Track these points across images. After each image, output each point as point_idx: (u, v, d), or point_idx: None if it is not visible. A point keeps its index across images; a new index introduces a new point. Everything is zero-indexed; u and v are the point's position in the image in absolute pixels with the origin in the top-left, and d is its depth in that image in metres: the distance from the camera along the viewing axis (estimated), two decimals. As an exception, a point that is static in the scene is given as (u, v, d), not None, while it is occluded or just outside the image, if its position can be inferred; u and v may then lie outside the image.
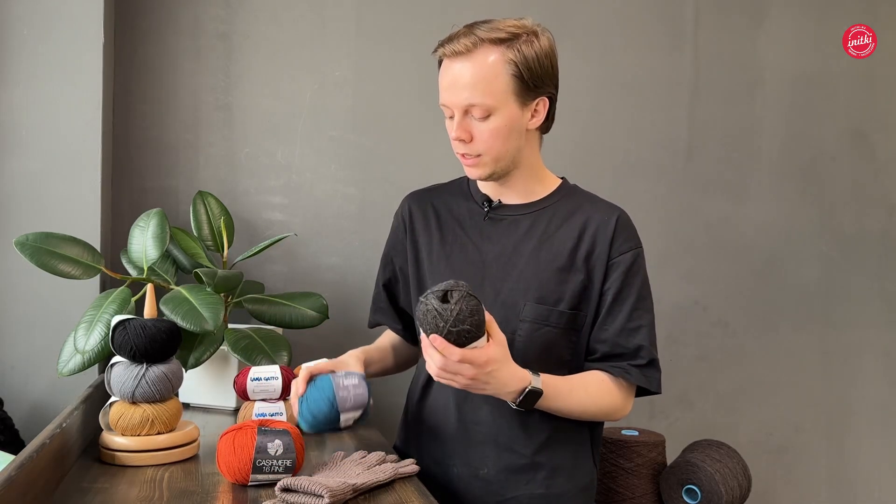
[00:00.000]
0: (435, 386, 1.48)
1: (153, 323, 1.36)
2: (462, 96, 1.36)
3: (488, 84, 1.36)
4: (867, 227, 2.49)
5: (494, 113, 1.37)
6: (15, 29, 1.76)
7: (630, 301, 1.43)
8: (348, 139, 2.12)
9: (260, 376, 1.55)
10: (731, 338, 2.39)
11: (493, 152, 1.40)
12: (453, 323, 1.21)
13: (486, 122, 1.38)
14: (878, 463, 2.51)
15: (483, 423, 1.44)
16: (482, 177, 1.44)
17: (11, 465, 1.02)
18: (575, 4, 2.26)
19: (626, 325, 1.43)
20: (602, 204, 1.50)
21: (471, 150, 1.41)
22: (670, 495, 1.90)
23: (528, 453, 1.43)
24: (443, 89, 1.40)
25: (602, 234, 1.44)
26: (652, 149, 2.32)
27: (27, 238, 1.58)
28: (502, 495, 1.43)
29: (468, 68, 1.36)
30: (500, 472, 1.43)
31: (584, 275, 1.43)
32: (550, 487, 1.44)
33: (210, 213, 1.92)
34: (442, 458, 1.46)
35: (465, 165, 1.45)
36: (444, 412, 1.47)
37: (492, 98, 1.36)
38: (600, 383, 1.42)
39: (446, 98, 1.40)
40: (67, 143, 1.78)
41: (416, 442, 1.52)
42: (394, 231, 1.61)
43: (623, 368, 1.42)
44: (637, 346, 1.43)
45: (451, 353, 1.22)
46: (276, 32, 2.08)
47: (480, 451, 1.44)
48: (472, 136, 1.39)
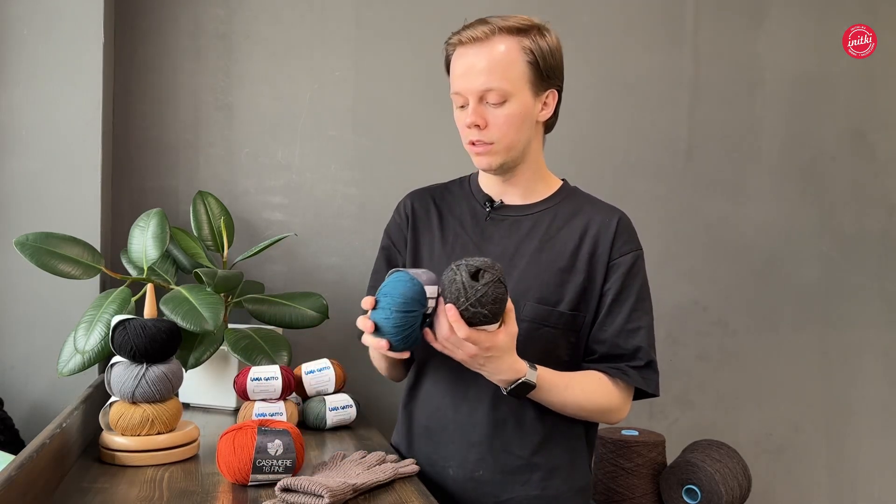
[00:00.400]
0: (430, 387, 1.48)
1: (153, 323, 1.36)
2: (479, 81, 1.38)
3: (505, 70, 1.38)
4: (867, 227, 2.49)
5: (510, 99, 1.39)
6: (15, 29, 1.76)
7: (629, 303, 1.44)
8: (348, 139, 2.12)
9: (260, 376, 1.55)
10: (731, 338, 2.39)
11: (507, 140, 1.41)
12: (474, 303, 1.21)
13: (501, 108, 1.39)
14: (878, 463, 2.51)
15: (479, 424, 1.43)
16: (492, 166, 1.44)
17: (11, 465, 1.02)
18: (575, 4, 2.26)
19: (625, 326, 1.43)
20: (603, 206, 1.51)
21: (485, 136, 1.41)
22: (670, 495, 1.90)
23: (524, 454, 1.43)
24: (457, 77, 1.41)
25: (603, 236, 1.45)
26: (652, 149, 2.32)
27: (27, 238, 1.58)
28: (498, 497, 1.43)
29: (485, 54, 1.38)
30: (496, 474, 1.43)
31: (585, 276, 1.44)
32: (546, 489, 1.44)
33: (210, 213, 1.92)
34: (437, 459, 1.46)
35: (475, 155, 1.44)
36: (440, 413, 1.46)
37: (508, 83, 1.38)
38: (598, 382, 1.42)
39: (461, 85, 1.40)
40: (67, 143, 1.78)
41: (411, 443, 1.51)
42: (396, 225, 1.59)
43: (621, 369, 1.42)
44: (635, 347, 1.43)
45: (458, 329, 1.23)
46: (276, 32, 2.08)
47: (477, 452, 1.43)
48: (487, 122, 1.40)
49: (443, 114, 2.15)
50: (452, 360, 1.39)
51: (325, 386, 1.68)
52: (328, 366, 1.70)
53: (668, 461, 1.97)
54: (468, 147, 1.44)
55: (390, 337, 1.23)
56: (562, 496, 1.45)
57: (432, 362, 1.48)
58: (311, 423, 1.64)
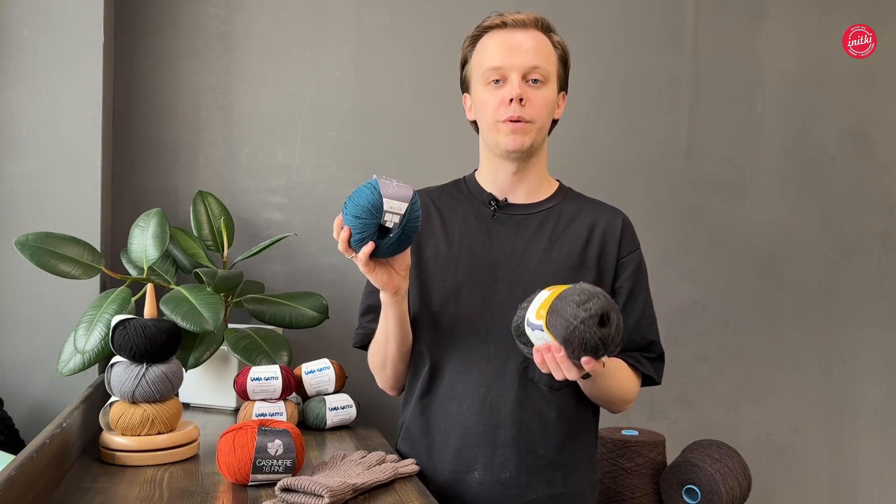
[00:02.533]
0: (446, 393, 1.46)
1: (153, 323, 1.36)
2: (527, 58, 1.43)
3: (547, 56, 1.46)
4: (867, 227, 2.49)
5: (548, 83, 1.46)
6: (15, 29, 1.76)
7: (641, 298, 1.51)
8: (348, 139, 2.12)
9: (260, 376, 1.55)
10: (731, 338, 2.39)
11: (540, 121, 1.46)
12: (613, 346, 1.15)
13: (540, 90, 1.45)
14: (878, 463, 2.51)
15: (503, 426, 1.43)
16: (525, 146, 1.45)
17: (11, 465, 1.02)
18: (575, 4, 2.26)
19: (640, 321, 1.50)
20: (603, 206, 1.55)
21: (525, 113, 1.43)
22: (670, 495, 1.90)
23: (548, 454, 1.45)
24: (500, 53, 1.44)
25: (611, 235, 1.50)
26: (652, 149, 2.32)
27: (27, 238, 1.58)
28: (524, 497, 1.44)
29: (530, 37, 1.45)
30: (521, 474, 1.44)
31: (595, 274, 1.47)
32: (569, 486, 1.46)
33: (210, 213, 1.92)
34: (460, 464, 1.45)
35: (511, 133, 1.44)
36: (461, 419, 1.45)
37: (550, 67, 1.46)
38: (627, 369, 1.48)
39: (506, 60, 1.43)
40: (67, 143, 1.78)
41: (428, 447, 1.48)
42: None
43: (638, 360, 1.49)
44: (650, 341, 1.51)
45: (570, 370, 1.20)
46: (276, 32, 2.08)
47: (502, 454, 1.43)
48: (528, 99, 1.43)
49: (443, 114, 2.15)
50: (470, 363, 1.42)
51: (325, 386, 1.68)
52: (328, 366, 1.70)
53: (668, 461, 1.97)
54: (502, 125, 1.44)
55: (345, 219, 1.26)
56: (582, 492, 1.49)
57: (447, 367, 1.47)
58: (311, 423, 1.64)
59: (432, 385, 1.48)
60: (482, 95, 1.46)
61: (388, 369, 1.51)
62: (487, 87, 1.45)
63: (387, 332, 1.45)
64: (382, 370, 1.52)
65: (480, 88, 1.47)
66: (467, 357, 1.45)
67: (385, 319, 1.44)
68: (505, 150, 1.46)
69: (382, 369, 1.52)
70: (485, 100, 1.45)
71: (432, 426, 1.48)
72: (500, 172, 1.51)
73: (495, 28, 1.47)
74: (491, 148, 1.49)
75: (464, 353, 1.45)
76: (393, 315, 1.42)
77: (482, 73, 1.46)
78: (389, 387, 1.56)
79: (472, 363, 1.45)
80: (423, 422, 1.49)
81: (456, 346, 1.46)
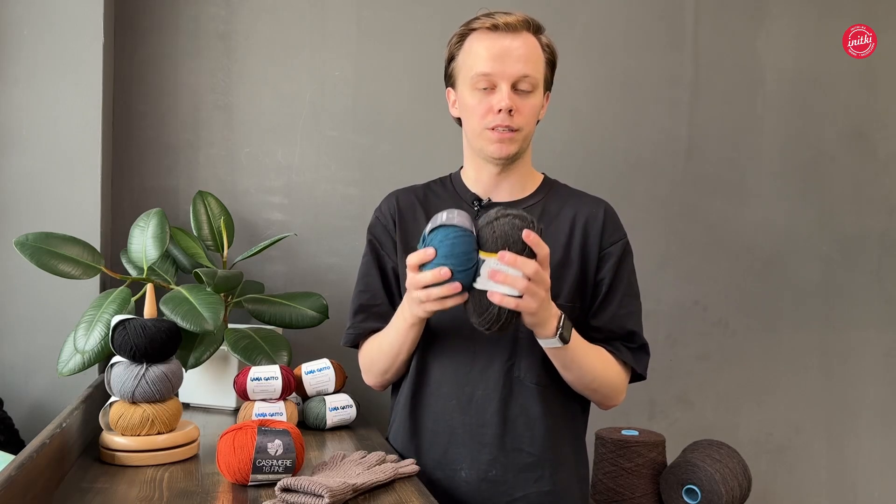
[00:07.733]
0: (434, 391, 1.47)
1: (153, 323, 1.36)
2: (518, 66, 1.41)
3: (536, 62, 1.44)
4: (867, 227, 2.49)
5: (535, 90, 1.44)
6: (15, 29, 1.76)
7: (621, 289, 1.49)
8: (348, 139, 2.12)
9: (260, 376, 1.55)
10: (731, 338, 2.39)
11: (527, 129, 1.46)
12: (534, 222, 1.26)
13: (528, 98, 1.43)
14: (878, 463, 2.51)
15: (489, 424, 1.44)
16: (511, 154, 1.45)
17: (11, 465, 1.02)
18: (575, 4, 2.26)
19: (618, 311, 1.49)
20: (587, 197, 1.55)
21: (513, 122, 1.42)
22: (670, 495, 1.90)
23: (534, 451, 1.44)
24: (489, 59, 1.41)
25: (592, 227, 1.49)
26: (652, 149, 2.32)
27: (27, 238, 1.58)
28: (512, 495, 1.44)
29: (520, 43, 1.42)
30: (508, 472, 1.44)
31: (578, 267, 1.47)
32: (557, 483, 1.46)
33: (210, 213, 1.92)
34: (448, 462, 1.45)
35: (498, 141, 1.44)
36: (448, 416, 1.46)
37: (538, 75, 1.44)
38: (607, 354, 1.47)
39: (496, 67, 1.41)
40: (67, 143, 1.78)
41: (416, 447, 1.49)
42: (381, 226, 1.57)
43: (615, 346, 1.48)
44: (629, 331, 1.49)
45: (527, 263, 1.23)
46: (277, 32, 2.08)
47: (489, 452, 1.44)
48: (517, 109, 1.42)
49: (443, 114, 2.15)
50: (455, 363, 1.40)
51: (325, 386, 1.68)
52: (328, 366, 1.70)
53: (668, 461, 1.97)
54: (489, 132, 1.43)
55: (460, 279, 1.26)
56: (570, 488, 1.48)
57: (433, 367, 1.48)
58: (311, 423, 1.64)
59: (419, 386, 1.49)
60: (469, 100, 1.45)
61: (389, 374, 1.53)
62: (475, 93, 1.44)
63: (402, 346, 1.45)
64: (382, 374, 1.53)
65: (467, 91, 1.45)
66: (453, 357, 1.46)
67: (405, 336, 1.43)
68: (490, 157, 1.47)
69: (382, 374, 1.53)
70: (472, 105, 1.44)
71: (420, 427, 1.49)
72: (483, 173, 1.52)
73: (485, 30, 1.43)
74: (476, 151, 1.50)
75: (449, 353, 1.46)
76: (416, 334, 1.43)
77: (470, 76, 1.44)
78: (379, 384, 1.57)
79: (458, 363, 1.45)
80: (412, 422, 1.50)
81: (442, 347, 1.46)
